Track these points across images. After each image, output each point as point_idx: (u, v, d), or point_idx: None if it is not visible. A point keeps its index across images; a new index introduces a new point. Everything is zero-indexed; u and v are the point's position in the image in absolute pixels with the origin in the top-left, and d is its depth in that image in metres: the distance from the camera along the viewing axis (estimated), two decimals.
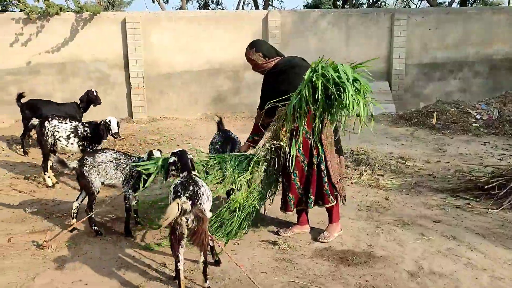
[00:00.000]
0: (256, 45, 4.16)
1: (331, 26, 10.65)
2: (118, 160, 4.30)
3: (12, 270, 3.70)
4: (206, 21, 10.16)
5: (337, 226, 4.27)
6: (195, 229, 3.04)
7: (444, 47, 11.17)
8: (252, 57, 4.15)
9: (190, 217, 3.02)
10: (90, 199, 4.37)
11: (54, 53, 9.74)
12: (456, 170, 6.38)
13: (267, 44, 4.27)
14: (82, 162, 4.31)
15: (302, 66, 4.00)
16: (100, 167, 4.27)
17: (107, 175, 4.29)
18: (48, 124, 5.61)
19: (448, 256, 3.85)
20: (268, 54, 4.12)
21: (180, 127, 9.49)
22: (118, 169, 4.27)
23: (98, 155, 4.32)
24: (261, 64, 4.14)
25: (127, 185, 4.27)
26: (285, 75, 4.03)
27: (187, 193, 3.20)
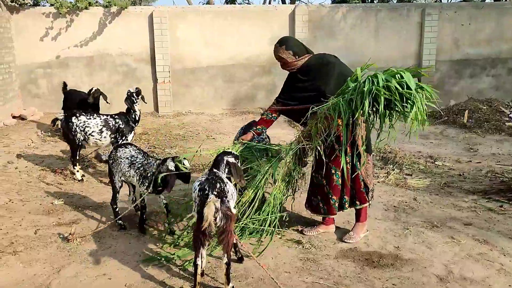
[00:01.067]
0: (286, 43, 3.99)
1: (359, 22, 10.44)
2: (134, 158, 4.19)
3: (38, 262, 3.75)
4: (233, 16, 10.11)
5: (364, 226, 4.17)
6: (224, 227, 3.00)
7: (477, 42, 10.80)
8: (282, 55, 3.98)
9: (219, 215, 2.98)
10: (113, 193, 4.40)
11: (82, 47, 9.87)
12: (488, 171, 6.17)
13: (297, 41, 4.10)
14: (109, 156, 4.35)
15: (336, 64, 3.88)
16: (117, 163, 4.26)
17: (121, 171, 4.25)
18: (76, 120, 5.67)
19: (480, 261, 3.70)
20: (299, 52, 3.96)
21: (205, 122, 9.49)
22: (132, 167, 4.16)
23: (120, 149, 4.30)
24: (290, 62, 3.98)
25: (142, 185, 4.13)
26: (316, 73, 3.88)
27: (215, 191, 3.08)
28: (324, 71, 3.85)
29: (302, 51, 3.98)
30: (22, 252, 3.92)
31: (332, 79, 3.79)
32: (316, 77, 3.87)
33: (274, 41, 9.16)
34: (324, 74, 3.84)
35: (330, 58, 3.95)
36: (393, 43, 10.54)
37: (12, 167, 6.24)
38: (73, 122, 5.68)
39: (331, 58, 3.95)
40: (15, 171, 6.13)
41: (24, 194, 5.34)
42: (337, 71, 3.82)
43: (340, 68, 3.87)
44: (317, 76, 3.87)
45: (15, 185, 5.62)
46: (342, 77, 3.76)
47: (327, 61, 3.91)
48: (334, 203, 3.99)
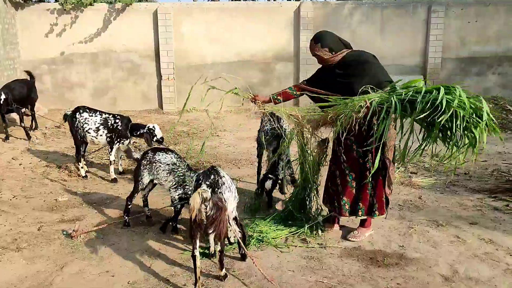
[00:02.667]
0: (322, 40, 3.82)
1: (365, 18, 10.37)
2: (176, 167, 4.10)
3: (41, 259, 3.75)
4: (237, 12, 10.07)
5: (368, 229, 4.14)
6: (214, 217, 3.04)
7: (484, 40, 10.71)
8: (318, 52, 3.84)
9: (209, 204, 3.03)
10: (133, 191, 4.36)
11: (87, 43, 9.87)
12: (494, 170, 6.11)
13: (334, 36, 3.90)
14: (143, 155, 4.30)
15: (373, 64, 3.75)
16: (154, 165, 4.19)
17: (158, 175, 4.17)
18: (79, 116, 5.67)
19: (486, 261, 3.66)
20: (335, 47, 3.82)
21: (209, 119, 9.46)
22: (171, 174, 4.08)
23: (159, 153, 4.22)
24: (327, 59, 3.85)
25: (174, 190, 4.07)
26: (352, 70, 3.76)
27: (207, 181, 3.26)
28: (360, 69, 3.74)
29: (339, 47, 3.85)
30: (26, 248, 3.91)
31: (366, 78, 3.67)
32: (350, 74, 3.76)
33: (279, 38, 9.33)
34: (359, 73, 3.72)
35: (369, 57, 3.81)
36: (399, 40, 10.47)
37: (16, 164, 6.25)
38: (76, 118, 5.68)
39: (370, 58, 3.81)
40: (19, 167, 6.14)
41: (28, 191, 5.35)
42: (373, 72, 3.71)
43: (376, 70, 3.75)
44: (351, 73, 3.76)
45: (19, 181, 5.63)
46: (375, 79, 3.66)
47: (365, 60, 3.79)
48: (344, 204, 3.95)
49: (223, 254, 3.36)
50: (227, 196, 3.28)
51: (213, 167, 3.48)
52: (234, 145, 7.53)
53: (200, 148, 7.26)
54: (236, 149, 7.27)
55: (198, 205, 2.97)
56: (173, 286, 3.34)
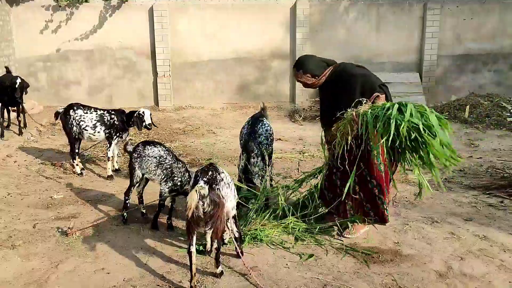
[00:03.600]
0: (303, 66, 3.88)
1: (361, 16, 10.37)
2: (163, 159, 4.18)
3: (37, 256, 3.74)
4: (234, 10, 10.05)
5: (364, 226, 4.15)
6: (211, 213, 3.05)
7: (479, 37, 10.73)
8: (301, 79, 3.92)
9: (207, 201, 3.04)
10: (129, 186, 4.40)
11: (82, 40, 9.82)
12: (489, 166, 6.14)
13: (315, 59, 3.95)
14: (135, 149, 4.35)
15: (358, 76, 3.77)
16: (144, 159, 4.25)
17: (147, 169, 4.24)
18: (73, 113, 5.65)
19: (480, 257, 3.68)
20: (318, 72, 3.88)
21: (205, 116, 9.46)
22: (159, 167, 4.16)
23: (148, 147, 4.28)
24: (311, 84, 3.94)
25: (165, 184, 4.15)
26: (337, 88, 3.83)
27: (205, 178, 3.22)
28: (346, 86, 3.77)
29: (322, 69, 3.89)
30: (21, 246, 3.90)
31: (356, 92, 3.71)
32: (338, 93, 3.81)
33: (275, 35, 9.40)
34: (346, 89, 3.76)
35: (352, 70, 3.83)
36: (395, 38, 10.48)
37: (11, 161, 6.23)
38: (70, 115, 5.66)
39: (353, 71, 3.83)
40: (14, 164, 6.12)
41: (23, 188, 5.33)
42: (360, 83, 3.72)
43: (363, 80, 3.75)
44: (339, 92, 3.80)
45: (14, 178, 5.61)
46: (366, 88, 3.71)
47: (348, 75, 3.81)
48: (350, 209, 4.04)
49: (220, 252, 3.36)
50: (225, 192, 3.26)
51: (212, 163, 3.47)
52: (230, 142, 7.53)
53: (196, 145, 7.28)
54: (232, 146, 7.26)
55: (195, 203, 2.97)
56: (169, 283, 3.34)
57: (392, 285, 3.31)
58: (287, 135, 7.93)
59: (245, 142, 4.71)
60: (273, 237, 3.98)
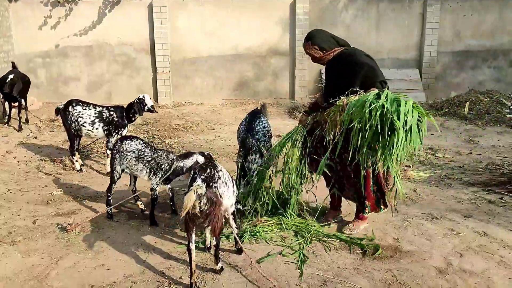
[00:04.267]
0: (312, 38, 3.88)
1: (360, 13, 10.35)
2: (141, 152, 4.19)
3: (37, 252, 3.74)
4: (233, 6, 10.02)
5: (364, 222, 4.16)
6: (208, 211, 3.05)
7: (479, 34, 10.72)
8: (309, 50, 3.91)
9: (204, 199, 3.04)
10: (110, 182, 4.41)
11: (81, 36, 9.79)
12: (488, 163, 6.16)
13: (325, 34, 3.91)
14: (114, 145, 4.37)
15: (364, 64, 3.72)
16: (122, 155, 4.26)
17: (127, 164, 4.24)
18: (72, 109, 5.64)
19: (480, 253, 3.68)
20: (326, 46, 3.85)
21: (204, 113, 9.45)
22: (140, 161, 4.17)
23: (126, 141, 4.28)
24: (318, 57, 3.92)
25: (154, 177, 4.16)
26: (342, 70, 3.80)
27: (203, 175, 3.21)
28: (350, 70, 3.74)
29: (331, 45, 3.86)
30: (21, 242, 3.90)
31: (357, 79, 3.69)
32: (342, 74, 3.79)
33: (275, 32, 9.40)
34: (349, 73, 3.73)
35: (361, 57, 3.77)
36: (395, 34, 10.47)
37: (10, 157, 6.22)
38: (70, 111, 5.65)
39: (361, 58, 3.77)
40: (13, 161, 6.10)
41: (22, 184, 5.33)
42: (363, 73, 3.69)
43: (368, 70, 3.71)
44: (343, 73, 3.78)
45: (14, 175, 5.60)
46: (367, 80, 3.69)
47: (355, 61, 3.76)
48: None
49: (219, 249, 3.36)
50: (223, 190, 3.26)
51: (210, 160, 3.46)
52: (230, 139, 7.53)
53: (195, 142, 7.27)
54: (231, 143, 7.26)
55: (192, 203, 2.97)
56: (169, 279, 3.34)
57: (392, 281, 3.32)
58: (287, 132, 7.90)
59: (242, 139, 4.71)
60: (272, 233, 3.98)
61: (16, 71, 7.62)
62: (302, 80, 10.31)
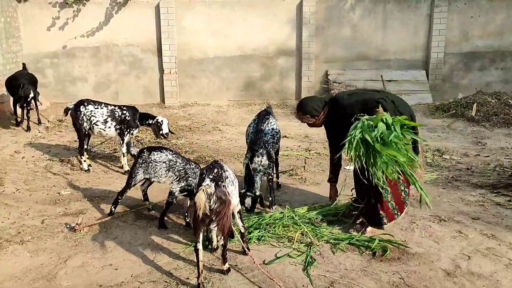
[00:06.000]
0: (302, 108, 4.23)
1: (367, 13, 10.32)
2: (173, 162, 4.21)
3: (45, 252, 3.77)
4: (240, 6, 10.03)
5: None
6: (217, 210, 3.08)
7: (486, 35, 10.65)
8: (303, 120, 4.26)
9: (213, 198, 3.08)
10: (125, 186, 4.42)
11: (89, 37, 9.84)
12: (496, 165, 6.12)
13: (313, 101, 4.26)
14: (139, 154, 4.37)
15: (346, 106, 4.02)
16: (151, 165, 4.26)
17: (155, 173, 4.25)
18: (84, 109, 5.68)
19: (488, 256, 3.67)
20: (316, 112, 4.18)
21: (211, 113, 9.46)
22: (171, 170, 4.19)
23: (154, 152, 4.29)
24: (313, 123, 4.26)
25: (177, 183, 4.18)
26: (332, 120, 4.16)
27: (211, 175, 3.26)
28: (343, 118, 3.98)
29: (319, 108, 4.19)
30: (29, 241, 3.93)
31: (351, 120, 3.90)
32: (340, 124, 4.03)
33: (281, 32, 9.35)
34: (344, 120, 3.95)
35: (341, 103, 4.08)
36: (401, 35, 10.43)
37: (19, 157, 6.26)
38: (81, 111, 5.69)
39: (342, 104, 4.07)
40: (22, 160, 6.14)
41: (31, 184, 5.36)
42: (357, 110, 3.91)
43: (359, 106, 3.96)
44: (340, 123, 4.02)
45: (22, 174, 5.64)
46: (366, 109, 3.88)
47: (344, 107, 4.04)
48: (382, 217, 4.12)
49: (226, 249, 3.37)
50: (231, 189, 3.30)
51: (216, 161, 3.49)
52: (236, 140, 7.53)
53: (202, 142, 7.28)
54: (238, 144, 7.27)
55: (204, 202, 3.00)
56: (176, 280, 3.36)
57: (399, 283, 3.31)
58: (293, 132, 7.92)
59: (251, 141, 4.71)
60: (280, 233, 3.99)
61: (25, 72, 7.67)
62: (308, 81, 10.30)
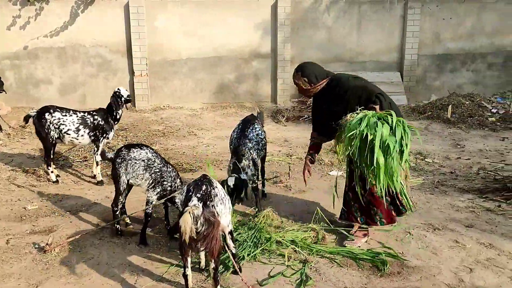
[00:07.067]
0: (303, 69, 3.95)
1: (342, 14, 10.21)
2: (151, 162, 3.90)
3: (12, 278, 3.37)
4: (214, 6, 9.71)
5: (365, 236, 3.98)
6: (205, 233, 2.79)
7: (458, 37, 10.75)
8: (298, 81, 3.96)
9: (200, 220, 2.79)
10: (116, 195, 4.07)
11: (53, 37, 9.29)
12: (479, 168, 6.07)
13: (315, 67, 4.00)
14: (117, 154, 4.03)
15: (354, 88, 3.81)
16: (130, 163, 3.92)
17: (134, 172, 3.91)
18: (49, 117, 5.24)
19: (490, 268, 3.53)
20: (314, 80, 3.91)
21: (185, 117, 9.10)
22: (148, 171, 3.88)
23: (134, 149, 3.97)
24: (305, 89, 3.97)
25: (152, 190, 3.88)
26: (330, 98, 3.90)
27: (198, 193, 2.94)
28: (342, 98, 3.81)
29: (319, 79, 3.92)
30: None
31: (351, 103, 3.74)
32: (334, 102, 3.85)
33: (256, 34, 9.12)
34: (342, 100, 3.80)
35: (348, 83, 3.85)
36: (376, 36, 10.38)
37: None
38: (47, 119, 5.25)
39: (349, 83, 3.85)
40: None
41: None
42: (356, 95, 3.76)
43: (359, 91, 3.79)
44: (335, 102, 3.84)
45: None
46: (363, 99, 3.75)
47: (345, 88, 3.83)
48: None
49: (218, 271, 3.08)
50: (220, 209, 2.98)
51: (205, 175, 3.18)
52: (213, 145, 7.23)
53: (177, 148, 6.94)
54: (216, 149, 6.97)
55: (190, 226, 2.70)
56: None
57: None
58: (272, 137, 7.68)
59: (235, 147, 4.45)
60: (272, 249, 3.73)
61: None
62: (284, 83, 10.08)
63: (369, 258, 3.62)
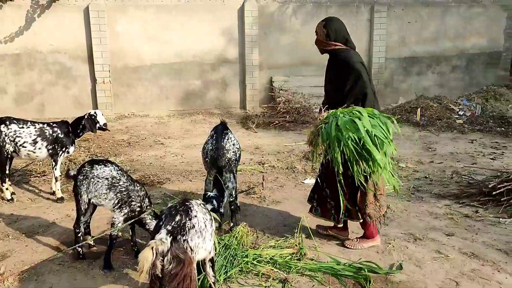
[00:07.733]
0: (327, 21, 3.85)
1: (309, 18, 10.10)
2: (116, 180, 3.55)
3: None
4: (178, 10, 9.41)
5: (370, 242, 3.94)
6: (173, 272, 2.47)
7: (423, 40, 10.85)
8: (318, 29, 3.85)
9: (168, 257, 2.47)
10: (77, 215, 3.73)
11: (7, 43, 8.76)
12: (452, 172, 6.03)
13: (342, 28, 3.86)
14: (79, 170, 3.69)
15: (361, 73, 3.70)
16: (92, 181, 3.58)
17: (96, 192, 3.57)
18: (5, 129, 4.82)
19: (475, 280, 3.41)
20: (333, 36, 3.78)
21: (151, 125, 8.75)
22: (112, 190, 3.53)
23: (97, 166, 3.62)
24: (320, 41, 3.85)
25: (119, 211, 3.53)
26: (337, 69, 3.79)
27: (169, 225, 2.59)
28: (343, 73, 3.72)
29: (337, 38, 3.80)
30: None
31: (347, 84, 3.69)
32: (335, 75, 3.80)
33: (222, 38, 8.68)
34: (341, 76, 3.72)
35: (354, 63, 3.74)
36: None
37: None
38: (2, 131, 4.82)
39: (355, 64, 3.72)
40: None
41: None
42: (353, 78, 3.69)
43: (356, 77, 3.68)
44: (336, 75, 3.79)
45: None
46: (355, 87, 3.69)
47: (349, 65, 3.72)
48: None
49: None
50: (195, 243, 2.63)
51: (186, 200, 2.82)
52: (181, 154, 6.93)
53: (143, 159, 6.58)
54: (184, 159, 6.67)
55: (149, 264, 2.38)
56: None
57: None
58: (243, 144, 7.39)
59: (212, 159, 4.18)
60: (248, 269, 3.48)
61: None
62: (252, 88, 9.88)
63: (351, 274, 3.43)
